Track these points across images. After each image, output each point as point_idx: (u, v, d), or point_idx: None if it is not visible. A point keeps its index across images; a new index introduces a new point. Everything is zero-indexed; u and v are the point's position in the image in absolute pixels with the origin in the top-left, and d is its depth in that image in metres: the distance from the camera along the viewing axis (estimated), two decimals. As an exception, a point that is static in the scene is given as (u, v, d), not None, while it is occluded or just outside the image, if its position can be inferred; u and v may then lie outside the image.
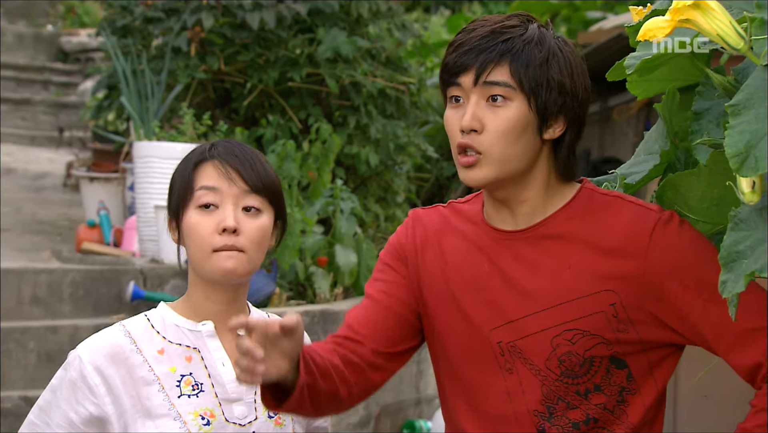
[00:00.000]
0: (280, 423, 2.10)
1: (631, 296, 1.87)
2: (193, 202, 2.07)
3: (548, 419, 1.91)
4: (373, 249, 6.14)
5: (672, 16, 1.63)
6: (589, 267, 1.89)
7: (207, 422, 2.04)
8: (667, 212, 1.90)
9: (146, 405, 2.03)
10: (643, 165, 2.04)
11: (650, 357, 1.91)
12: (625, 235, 1.89)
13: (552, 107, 1.89)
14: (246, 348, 1.73)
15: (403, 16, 7.47)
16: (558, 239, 1.92)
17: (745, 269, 1.52)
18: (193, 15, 6.52)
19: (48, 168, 9.39)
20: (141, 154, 6.05)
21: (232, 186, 2.06)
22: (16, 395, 4.92)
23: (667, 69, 1.92)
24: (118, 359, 2.05)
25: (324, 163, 6.28)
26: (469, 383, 1.97)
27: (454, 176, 8.68)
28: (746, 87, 1.55)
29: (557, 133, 1.92)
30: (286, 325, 1.76)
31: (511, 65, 1.87)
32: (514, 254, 1.94)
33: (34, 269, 5.57)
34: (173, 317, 2.11)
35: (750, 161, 1.51)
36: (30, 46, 11.89)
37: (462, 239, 2.00)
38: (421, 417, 6.06)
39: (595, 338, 1.88)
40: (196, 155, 2.11)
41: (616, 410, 1.91)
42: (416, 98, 7.27)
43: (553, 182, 1.95)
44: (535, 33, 1.90)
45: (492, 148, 1.88)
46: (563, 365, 1.89)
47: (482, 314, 1.94)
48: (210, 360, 2.08)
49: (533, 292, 1.91)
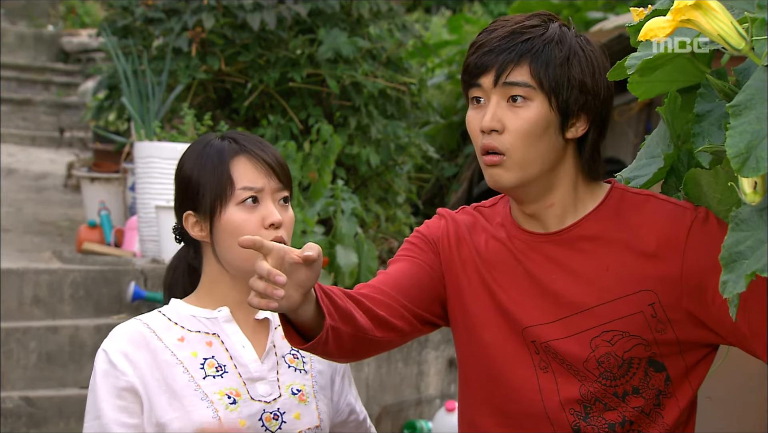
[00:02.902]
0: (304, 400, 2.13)
1: (669, 296, 1.87)
2: (234, 199, 2.08)
3: (584, 419, 1.91)
4: (373, 249, 6.13)
5: (673, 17, 1.63)
6: (627, 268, 1.89)
7: (233, 400, 2.07)
8: (702, 210, 1.89)
9: (172, 386, 2.06)
10: (646, 168, 2.04)
11: (687, 360, 1.91)
12: (662, 235, 1.88)
13: (573, 106, 1.89)
14: (267, 271, 1.68)
15: (403, 17, 7.47)
16: (593, 240, 1.91)
17: (746, 270, 1.52)
18: (194, 15, 6.52)
19: (49, 168, 9.38)
20: (142, 155, 6.05)
21: (270, 181, 2.10)
22: (17, 396, 4.92)
23: (668, 70, 1.92)
24: (140, 344, 2.09)
25: (325, 163, 6.27)
26: (498, 379, 1.95)
27: (454, 177, 8.68)
28: (747, 87, 1.55)
29: (580, 133, 1.91)
30: (308, 256, 1.71)
31: (531, 65, 1.87)
32: (547, 257, 1.93)
33: (35, 269, 5.57)
34: (188, 309, 2.14)
35: (751, 162, 1.51)
36: (31, 47, 11.89)
37: (494, 240, 1.98)
38: (422, 418, 6.06)
39: (634, 339, 1.88)
40: (224, 151, 2.10)
41: (653, 413, 1.91)
42: (417, 99, 7.27)
43: (580, 183, 1.94)
44: (556, 32, 1.90)
45: (514, 148, 1.88)
46: (602, 367, 1.89)
47: (519, 312, 1.93)
48: (230, 343, 2.11)
49: (570, 294, 1.90)
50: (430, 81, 8.91)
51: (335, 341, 1.83)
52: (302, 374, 2.16)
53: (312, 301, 1.79)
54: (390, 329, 1.93)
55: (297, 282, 1.73)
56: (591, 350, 1.89)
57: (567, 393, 1.90)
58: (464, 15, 11.05)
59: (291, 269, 1.71)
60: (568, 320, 1.90)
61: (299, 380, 2.15)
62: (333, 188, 6.24)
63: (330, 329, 1.80)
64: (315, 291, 1.80)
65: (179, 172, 2.16)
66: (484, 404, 1.98)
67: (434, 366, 6.17)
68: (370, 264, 6.07)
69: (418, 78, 7.24)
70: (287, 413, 2.10)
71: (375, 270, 6.14)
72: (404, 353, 5.99)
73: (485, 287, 1.96)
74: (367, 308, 1.89)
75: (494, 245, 1.98)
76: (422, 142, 7.30)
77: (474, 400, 2.00)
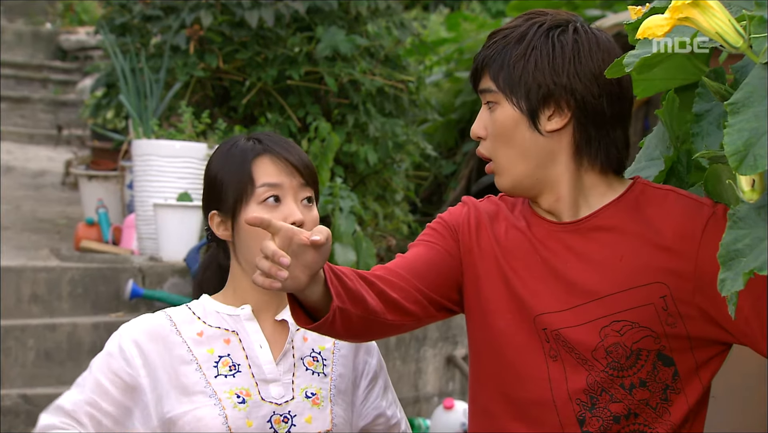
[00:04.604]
0: (318, 403, 2.12)
1: (681, 290, 1.87)
2: (255, 198, 2.09)
3: (590, 409, 1.90)
4: (372, 247, 6.14)
5: (671, 15, 1.63)
6: (641, 259, 1.89)
7: (242, 400, 2.07)
8: (720, 207, 1.89)
9: (183, 382, 2.07)
10: (646, 171, 2.04)
11: (697, 357, 1.90)
12: (678, 229, 1.89)
13: (534, 100, 1.91)
14: (272, 251, 1.70)
15: (401, 15, 7.46)
16: (610, 231, 1.92)
17: (744, 267, 1.52)
18: (192, 13, 6.52)
19: (47, 166, 9.38)
20: (140, 153, 6.05)
21: (293, 180, 2.10)
22: (15, 393, 4.93)
23: (666, 67, 1.92)
24: (157, 336, 2.10)
25: (323, 161, 6.27)
26: (508, 367, 1.96)
27: (453, 174, 8.68)
28: (745, 85, 1.55)
29: (561, 124, 1.92)
30: (316, 240, 1.73)
31: (491, 70, 1.94)
32: (565, 245, 1.94)
33: (33, 267, 5.57)
34: (214, 305, 2.16)
35: (749, 159, 1.51)
36: (29, 45, 11.88)
37: (514, 228, 2.00)
38: (420, 415, 6.06)
39: (643, 330, 1.88)
40: (248, 151, 2.12)
41: (659, 408, 1.91)
42: (415, 96, 7.27)
43: (586, 174, 1.95)
44: (521, 31, 1.93)
45: (495, 153, 1.95)
46: (610, 357, 1.89)
47: (532, 299, 1.94)
48: (248, 342, 2.12)
49: (583, 282, 1.91)
50: (428, 79, 8.90)
51: (343, 322, 1.84)
52: (320, 377, 2.15)
53: (320, 282, 1.81)
54: (403, 312, 1.94)
55: (304, 264, 1.75)
56: (600, 339, 1.89)
57: (574, 383, 1.91)
58: (462, 13, 11.04)
59: (299, 251, 1.73)
60: (580, 309, 1.91)
61: (316, 383, 2.14)
62: (331, 186, 6.24)
63: (337, 310, 1.82)
64: (324, 272, 1.81)
65: (206, 173, 2.19)
66: (495, 391, 1.99)
67: (432, 364, 6.17)
68: (368, 262, 6.08)
69: (416, 76, 7.25)
70: (298, 417, 2.10)
71: (373, 268, 6.14)
72: (402, 351, 5.99)
73: (501, 275, 1.98)
74: (379, 290, 1.91)
75: (514, 234, 1.99)
76: (420, 140, 7.30)
77: (486, 387, 2.00)
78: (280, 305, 2.16)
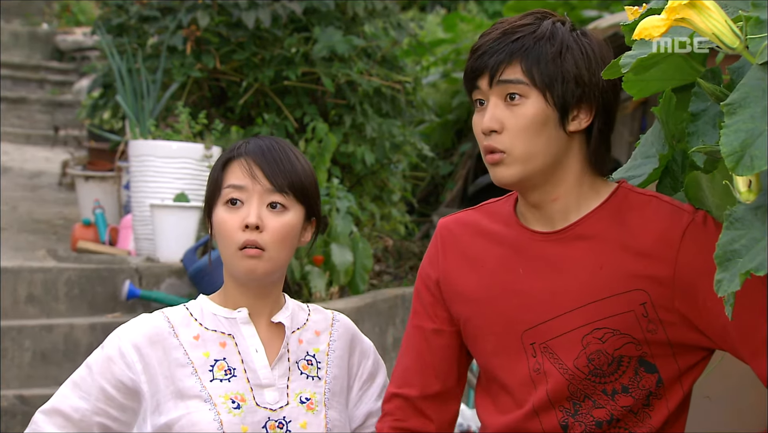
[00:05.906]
0: (312, 408, 2.13)
1: (661, 297, 1.88)
2: (221, 199, 2.11)
3: (573, 415, 1.93)
4: (369, 248, 6.14)
5: (668, 15, 1.63)
6: (621, 267, 1.90)
7: (237, 405, 2.07)
8: (701, 213, 1.89)
9: (179, 386, 2.07)
10: (641, 168, 2.04)
11: (679, 363, 1.91)
12: (657, 235, 1.89)
13: (570, 100, 1.91)
14: None
15: (398, 15, 7.47)
16: (591, 239, 1.93)
17: (740, 268, 1.52)
18: (189, 14, 6.51)
19: (44, 167, 9.38)
20: (136, 153, 6.05)
21: (256, 184, 2.10)
22: (12, 394, 4.92)
23: (663, 68, 1.92)
24: (156, 339, 2.10)
25: (320, 162, 6.27)
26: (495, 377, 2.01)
27: (449, 175, 8.68)
28: (742, 86, 1.55)
29: (583, 125, 1.93)
30: None
31: (523, 63, 1.90)
32: (547, 255, 1.95)
33: (30, 267, 5.57)
34: (211, 307, 2.16)
35: (746, 160, 1.51)
36: (25, 45, 11.88)
37: (496, 243, 2.01)
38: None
39: (624, 337, 1.89)
40: (226, 153, 2.16)
41: (641, 413, 1.92)
42: (412, 97, 7.27)
43: (586, 178, 1.96)
44: (548, 29, 1.92)
45: (513, 146, 1.91)
46: (592, 364, 1.90)
47: (517, 316, 1.96)
48: (244, 346, 2.12)
49: (565, 292, 1.92)
50: (425, 79, 8.91)
51: None
52: (314, 381, 2.15)
53: None
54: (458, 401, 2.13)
55: None
56: (582, 347, 1.91)
57: (557, 390, 1.93)
58: (459, 13, 11.05)
59: None
60: (564, 318, 1.92)
61: (310, 387, 2.14)
62: (328, 187, 6.23)
63: None
64: None
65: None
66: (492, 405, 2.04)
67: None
68: (365, 262, 6.07)
69: (413, 76, 7.25)
70: (293, 422, 2.10)
71: (370, 268, 6.14)
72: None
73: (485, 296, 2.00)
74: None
75: (496, 250, 2.01)
76: (417, 140, 7.31)
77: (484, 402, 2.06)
78: (274, 307, 2.16)
